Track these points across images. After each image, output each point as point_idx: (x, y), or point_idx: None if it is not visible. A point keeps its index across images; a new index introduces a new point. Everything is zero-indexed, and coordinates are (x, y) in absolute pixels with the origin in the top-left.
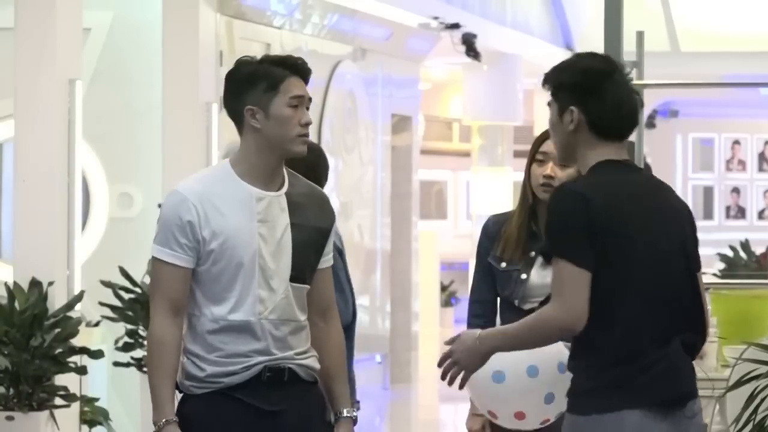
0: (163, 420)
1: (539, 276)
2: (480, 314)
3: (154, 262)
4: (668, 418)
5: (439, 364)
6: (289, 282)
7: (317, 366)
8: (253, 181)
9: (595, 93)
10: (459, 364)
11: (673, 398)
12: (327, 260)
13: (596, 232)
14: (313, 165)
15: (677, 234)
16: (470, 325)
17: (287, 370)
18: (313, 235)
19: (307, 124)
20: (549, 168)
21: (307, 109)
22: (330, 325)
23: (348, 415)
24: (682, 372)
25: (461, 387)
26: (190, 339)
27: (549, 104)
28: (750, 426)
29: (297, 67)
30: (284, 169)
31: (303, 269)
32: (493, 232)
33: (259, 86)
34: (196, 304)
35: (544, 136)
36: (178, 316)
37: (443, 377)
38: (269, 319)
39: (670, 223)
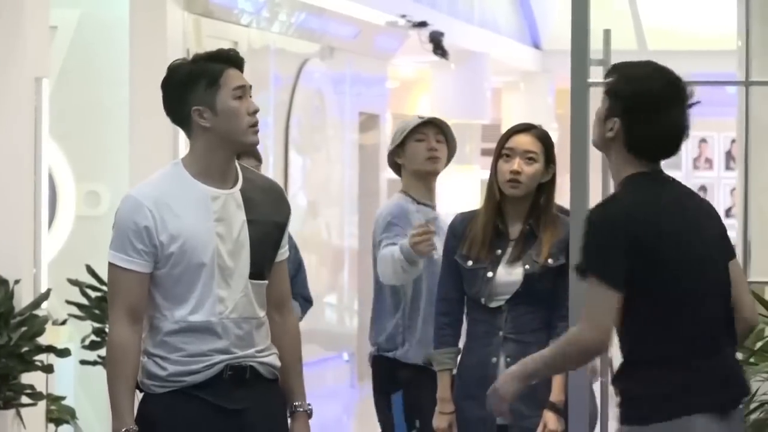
0: (123, 429)
1: (505, 274)
2: (447, 312)
3: (111, 268)
4: (725, 419)
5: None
6: (248, 279)
7: (278, 363)
8: (207, 180)
9: (642, 118)
10: (502, 396)
11: (731, 399)
12: (282, 253)
13: (639, 251)
14: None
15: (713, 239)
16: (437, 323)
17: (249, 368)
18: (269, 230)
19: (255, 112)
20: (516, 164)
21: (250, 97)
22: (286, 319)
23: (303, 409)
24: (738, 373)
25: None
26: (150, 341)
27: (603, 96)
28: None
29: (231, 59)
30: (236, 165)
31: (262, 265)
32: (459, 230)
33: (199, 85)
34: (156, 306)
35: (509, 133)
36: (137, 323)
37: (495, 413)
38: (230, 318)
39: (708, 229)
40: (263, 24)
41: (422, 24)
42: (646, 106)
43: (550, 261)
